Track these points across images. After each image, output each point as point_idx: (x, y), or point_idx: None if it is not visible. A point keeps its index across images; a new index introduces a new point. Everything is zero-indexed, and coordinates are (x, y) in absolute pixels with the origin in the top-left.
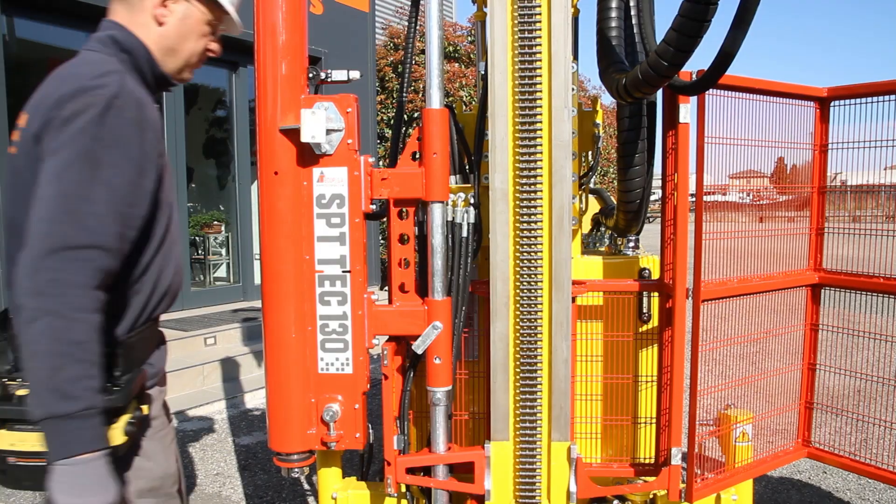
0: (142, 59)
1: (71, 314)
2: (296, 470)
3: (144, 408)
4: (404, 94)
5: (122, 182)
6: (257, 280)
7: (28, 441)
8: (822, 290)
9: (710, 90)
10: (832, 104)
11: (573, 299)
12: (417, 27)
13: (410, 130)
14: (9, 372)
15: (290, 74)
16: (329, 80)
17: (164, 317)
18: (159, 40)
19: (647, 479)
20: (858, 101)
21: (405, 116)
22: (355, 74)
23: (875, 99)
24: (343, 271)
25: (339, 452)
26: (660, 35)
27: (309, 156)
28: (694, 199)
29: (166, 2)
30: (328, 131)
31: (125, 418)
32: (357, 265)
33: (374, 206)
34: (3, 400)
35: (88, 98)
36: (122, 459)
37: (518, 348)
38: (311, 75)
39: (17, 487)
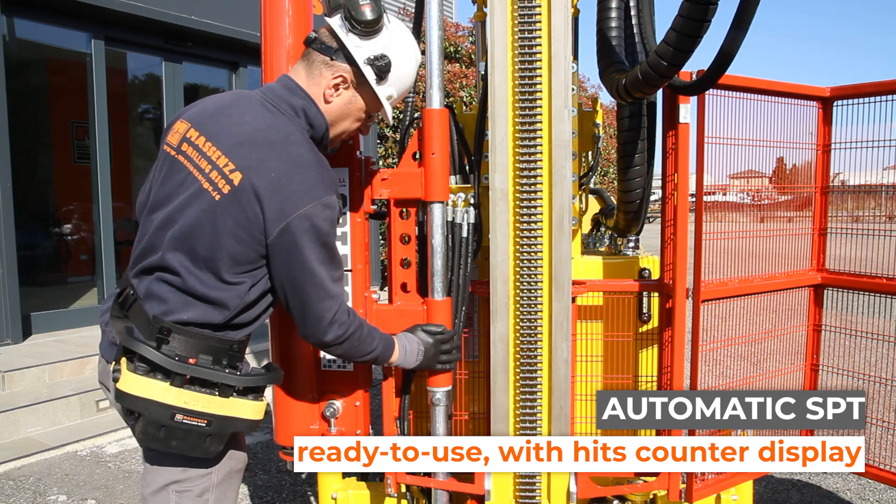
0: (318, 134)
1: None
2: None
3: (264, 398)
4: (411, 95)
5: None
6: None
7: (201, 401)
8: (825, 291)
9: (711, 90)
10: (835, 104)
11: (573, 299)
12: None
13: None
14: (155, 347)
15: None
16: None
17: None
18: (324, 115)
19: (648, 479)
20: (862, 100)
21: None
22: None
23: (879, 98)
24: (345, 271)
25: None
26: (660, 35)
27: None
28: (694, 199)
29: (338, 86)
30: None
31: (265, 400)
32: (359, 265)
33: (374, 207)
34: (179, 359)
35: (326, 213)
36: (237, 438)
37: (518, 348)
38: None
39: (160, 446)
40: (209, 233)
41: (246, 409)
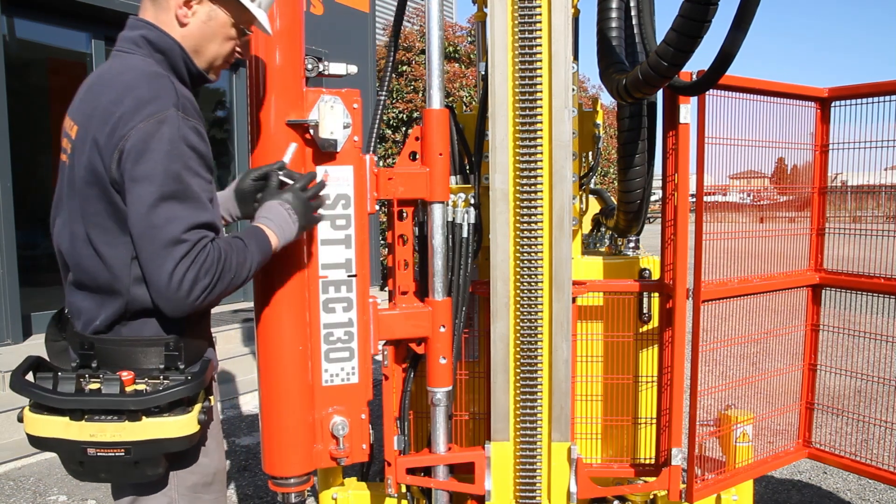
0: (177, 59)
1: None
2: (294, 496)
3: (212, 398)
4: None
5: (204, 186)
6: None
7: (107, 431)
8: (823, 291)
9: (711, 90)
10: (833, 104)
11: (573, 299)
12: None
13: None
14: (75, 369)
15: (291, 64)
16: (326, 73)
17: None
18: (182, 41)
19: (648, 479)
20: (859, 101)
21: (405, 117)
22: (353, 69)
23: (876, 99)
24: (349, 276)
25: None
26: (660, 35)
27: (316, 154)
28: (694, 199)
29: (190, 3)
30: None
31: (198, 407)
32: (363, 269)
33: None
34: (78, 393)
35: (155, 114)
36: (188, 452)
37: (518, 348)
38: (308, 66)
39: (93, 480)
40: (71, 202)
41: (169, 427)
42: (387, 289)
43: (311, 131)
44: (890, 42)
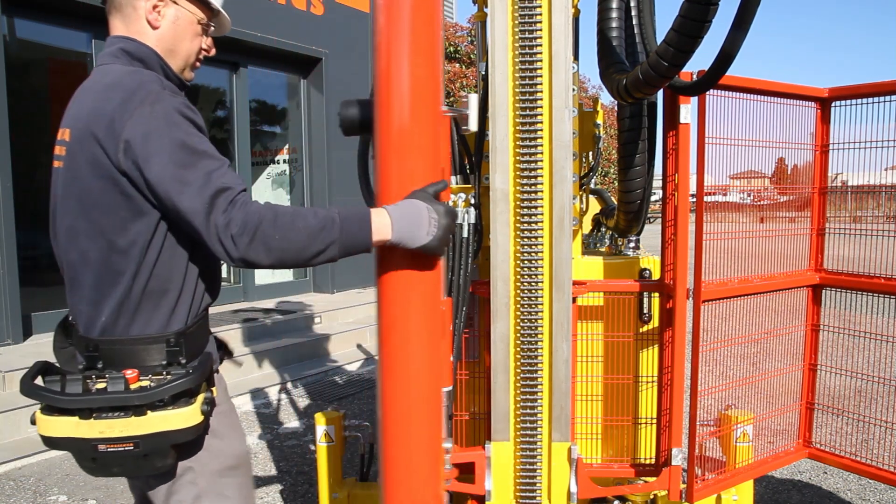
0: (154, 66)
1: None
2: None
3: (214, 390)
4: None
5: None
6: (258, 281)
7: (116, 427)
8: (823, 291)
9: (711, 90)
10: (833, 104)
11: (574, 300)
12: None
13: None
14: (81, 371)
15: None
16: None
17: None
18: (157, 44)
19: (648, 479)
20: (859, 101)
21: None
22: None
23: (876, 99)
24: None
25: (340, 452)
26: (660, 35)
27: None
28: (694, 199)
29: (157, 6)
30: None
31: (201, 398)
32: None
33: None
34: (86, 393)
35: (146, 98)
36: (195, 442)
37: (519, 349)
38: None
39: (107, 475)
40: (67, 202)
41: (173, 419)
42: None
43: None
44: (890, 42)
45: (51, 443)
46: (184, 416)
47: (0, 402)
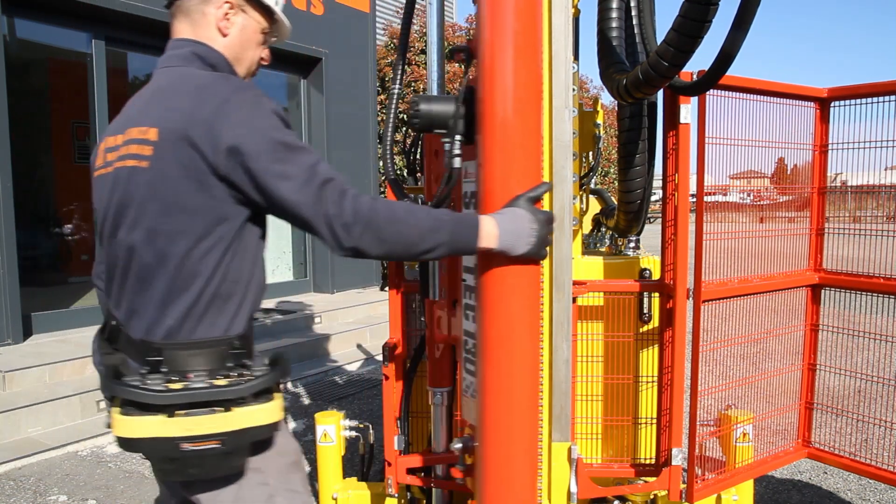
0: (224, 71)
1: None
2: None
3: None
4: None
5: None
6: None
7: (204, 424)
8: (823, 291)
9: (711, 91)
10: (832, 105)
11: (574, 300)
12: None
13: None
14: (144, 376)
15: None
16: None
17: None
18: (225, 51)
19: (648, 479)
20: (859, 101)
21: (405, 117)
22: None
23: (875, 99)
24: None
25: (340, 452)
26: (660, 35)
27: None
28: (695, 199)
29: (228, 14)
30: None
31: (279, 395)
32: None
33: None
34: (174, 389)
35: (244, 101)
36: (267, 440)
37: None
38: None
39: (180, 477)
40: (152, 204)
41: (259, 415)
42: (386, 289)
43: None
44: (890, 42)
45: (129, 445)
46: (267, 412)
47: (0, 402)
